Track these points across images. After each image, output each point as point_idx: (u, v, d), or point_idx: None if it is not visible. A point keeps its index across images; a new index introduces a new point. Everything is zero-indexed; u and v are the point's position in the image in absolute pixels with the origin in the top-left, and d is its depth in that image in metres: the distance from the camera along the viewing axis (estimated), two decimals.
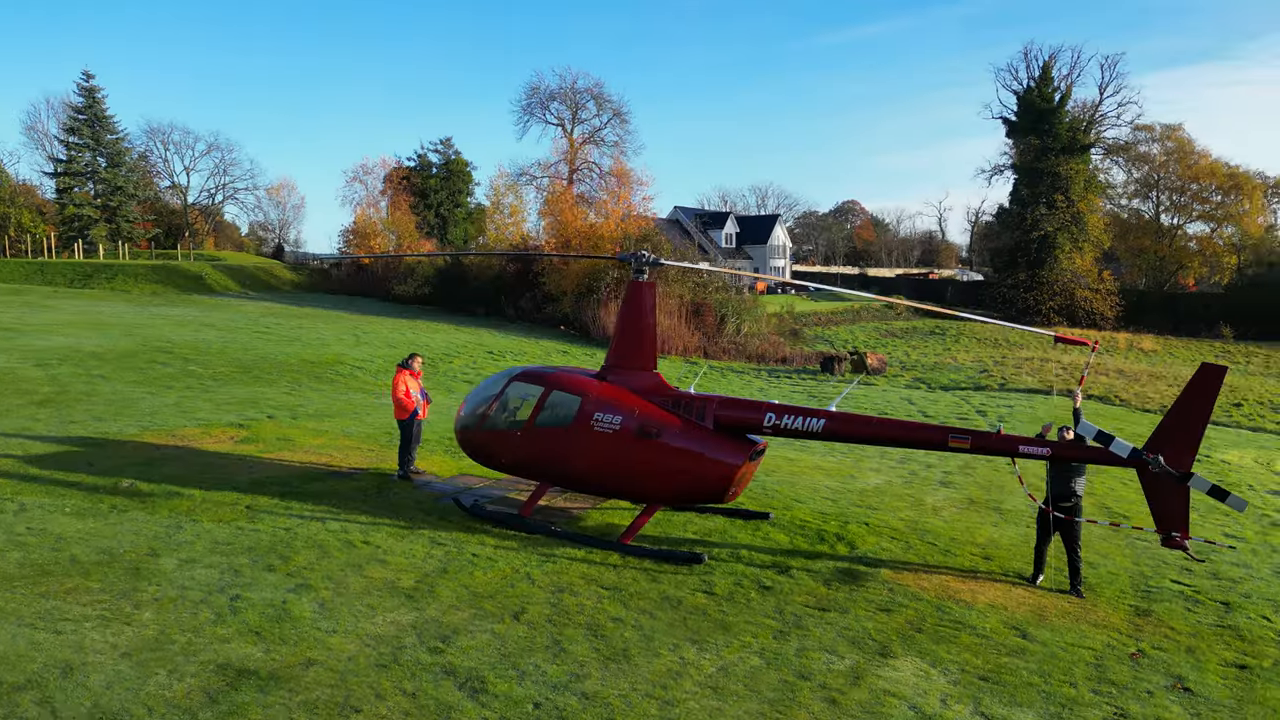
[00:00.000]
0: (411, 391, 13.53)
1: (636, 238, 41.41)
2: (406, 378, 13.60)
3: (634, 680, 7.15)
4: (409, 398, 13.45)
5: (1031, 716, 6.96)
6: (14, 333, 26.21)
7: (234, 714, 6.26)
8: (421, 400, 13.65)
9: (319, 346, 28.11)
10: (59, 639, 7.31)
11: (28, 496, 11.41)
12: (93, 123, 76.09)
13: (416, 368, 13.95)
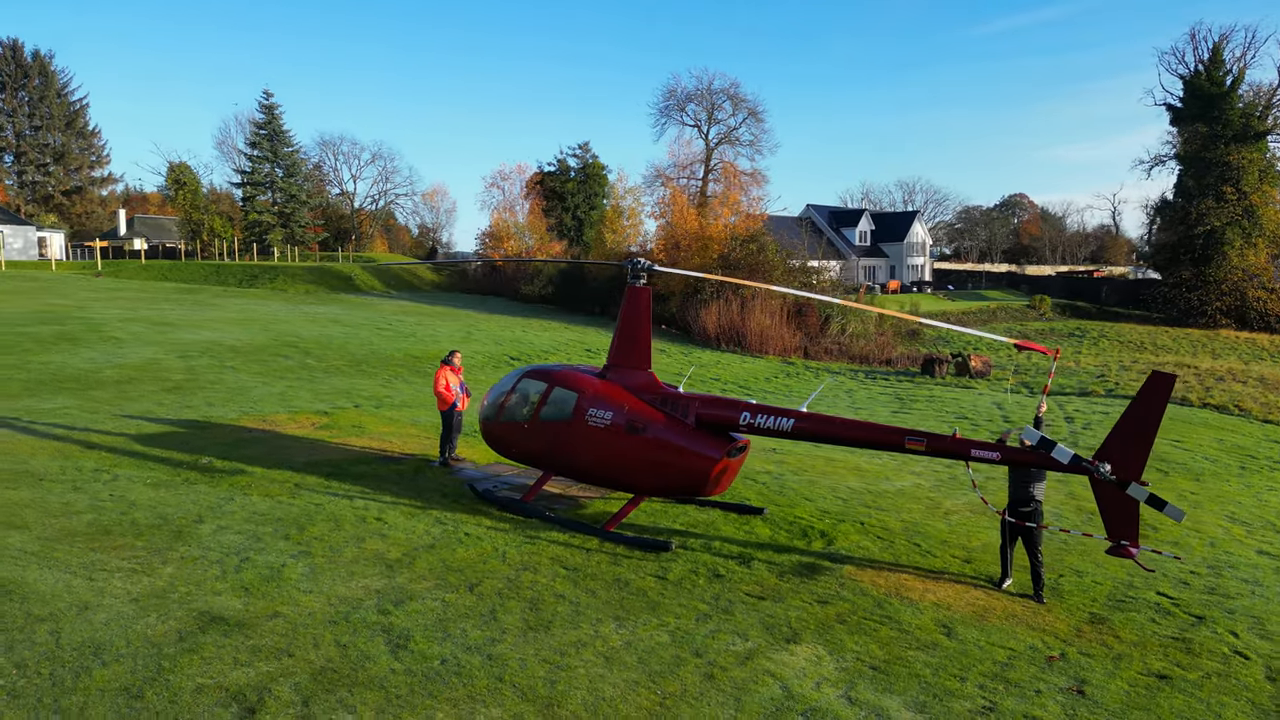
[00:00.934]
0: (451, 385, 14.77)
1: (744, 238, 41.74)
2: (447, 373, 14.86)
3: (539, 647, 7.97)
4: (449, 391, 14.70)
5: (898, 703, 7.29)
6: (172, 327, 29.63)
7: (191, 650, 7.52)
8: (460, 393, 14.86)
9: (429, 342, 30.22)
10: (89, 584, 8.86)
11: (123, 469, 13.37)
12: (271, 137, 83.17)
13: (456, 364, 15.20)
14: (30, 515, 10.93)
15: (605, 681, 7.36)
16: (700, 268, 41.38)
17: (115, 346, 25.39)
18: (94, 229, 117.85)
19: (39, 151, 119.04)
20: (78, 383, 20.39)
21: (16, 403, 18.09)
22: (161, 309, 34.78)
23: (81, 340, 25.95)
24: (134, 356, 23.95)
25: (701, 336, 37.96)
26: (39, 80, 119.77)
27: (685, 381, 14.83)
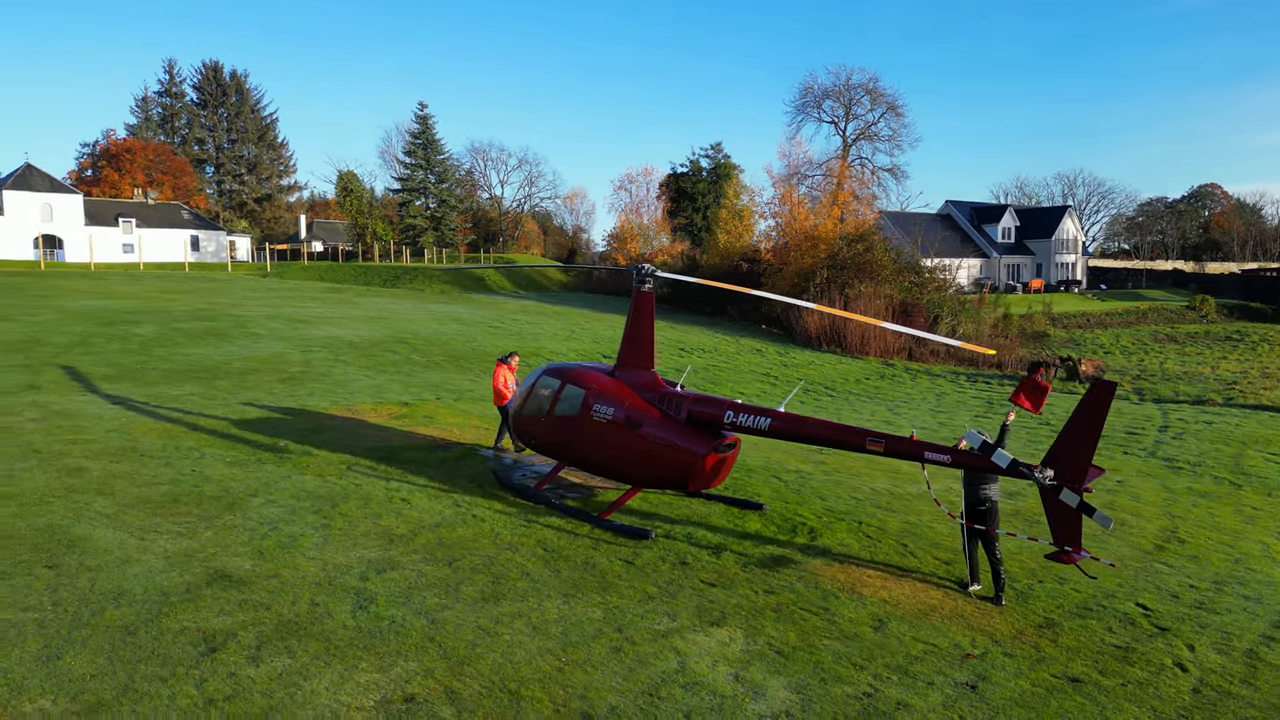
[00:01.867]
0: (509, 382, 15.96)
1: (853, 237, 41.24)
2: (505, 371, 16.05)
3: (481, 615, 8.89)
4: (506, 387, 15.89)
5: (781, 684, 7.75)
6: (306, 324, 32.55)
7: (190, 600, 8.90)
8: None
9: (530, 340, 31.80)
10: (139, 543, 10.48)
11: (212, 448, 15.29)
12: (425, 145, 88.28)
13: (514, 364, 16.37)
14: (119, 485, 12.84)
15: (521, 648, 8.20)
16: (809, 268, 41.30)
17: (251, 341, 28.27)
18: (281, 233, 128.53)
19: (235, 163, 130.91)
20: (208, 373, 23.00)
21: (151, 389, 20.69)
22: (304, 307, 38.11)
23: (225, 335, 29.03)
24: (263, 350, 26.63)
25: (803, 337, 37.87)
26: (235, 97, 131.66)
27: (685, 377, 15.31)
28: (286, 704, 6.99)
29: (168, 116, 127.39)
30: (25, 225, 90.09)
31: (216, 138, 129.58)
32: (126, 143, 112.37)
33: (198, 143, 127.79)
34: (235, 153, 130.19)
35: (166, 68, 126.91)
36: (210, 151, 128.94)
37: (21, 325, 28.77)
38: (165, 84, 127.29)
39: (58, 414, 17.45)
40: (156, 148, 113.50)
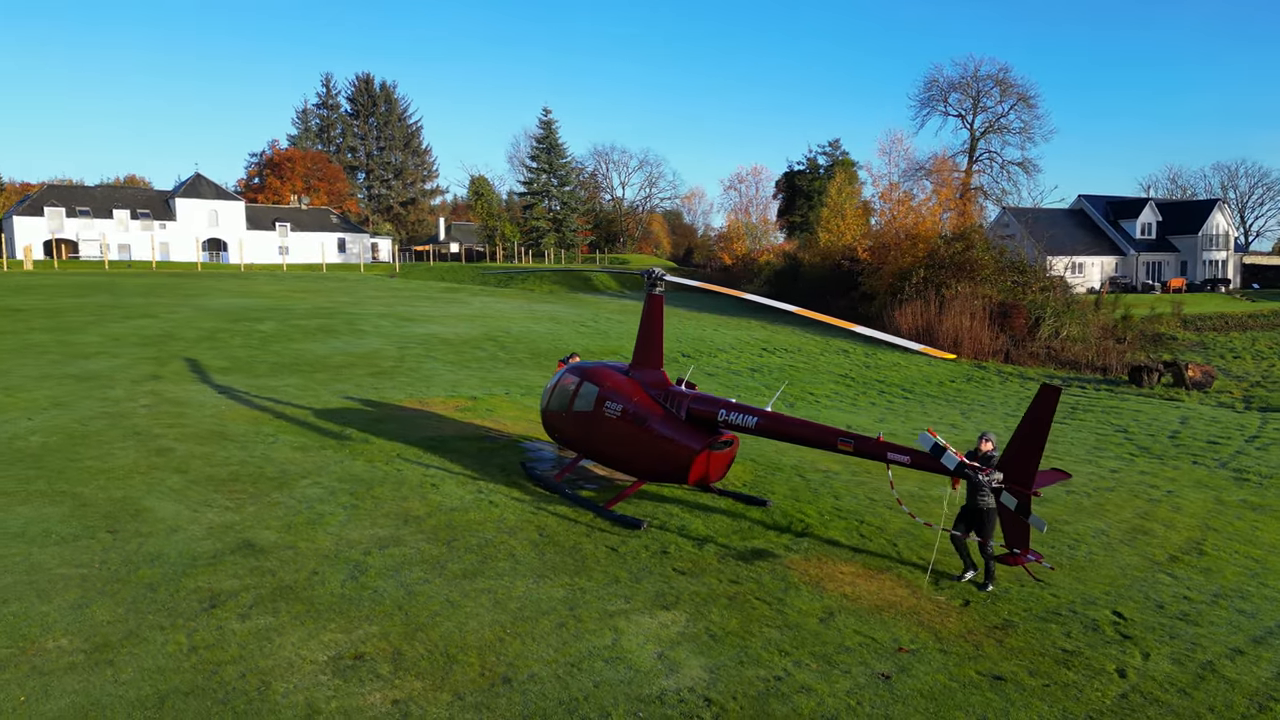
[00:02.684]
0: None
1: (952, 235, 40.05)
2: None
3: (453, 589, 9.77)
4: None
5: (698, 664, 8.25)
6: (411, 322, 34.65)
7: (213, 565, 10.19)
8: None
9: (613, 339, 32.73)
10: (191, 515, 11.95)
11: (286, 434, 16.89)
12: (549, 150, 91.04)
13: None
14: (195, 464, 14.50)
15: (476, 619, 9.03)
16: (908, 267, 40.44)
17: (357, 337, 30.43)
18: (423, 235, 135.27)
19: (383, 169, 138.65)
20: (309, 366, 25.04)
21: (257, 380, 22.78)
22: (415, 306, 40.43)
23: (335, 332, 31.34)
24: (365, 346, 28.65)
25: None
26: (384, 107, 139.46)
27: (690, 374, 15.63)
28: (254, 654, 8.07)
29: (324, 127, 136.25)
30: (194, 230, 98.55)
31: (367, 145, 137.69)
32: (288, 152, 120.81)
33: (350, 150, 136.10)
34: (383, 159, 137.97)
35: (324, 81, 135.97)
36: (361, 159, 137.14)
37: (162, 322, 31.99)
38: (323, 97, 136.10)
39: (168, 401, 19.59)
40: (314, 156, 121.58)
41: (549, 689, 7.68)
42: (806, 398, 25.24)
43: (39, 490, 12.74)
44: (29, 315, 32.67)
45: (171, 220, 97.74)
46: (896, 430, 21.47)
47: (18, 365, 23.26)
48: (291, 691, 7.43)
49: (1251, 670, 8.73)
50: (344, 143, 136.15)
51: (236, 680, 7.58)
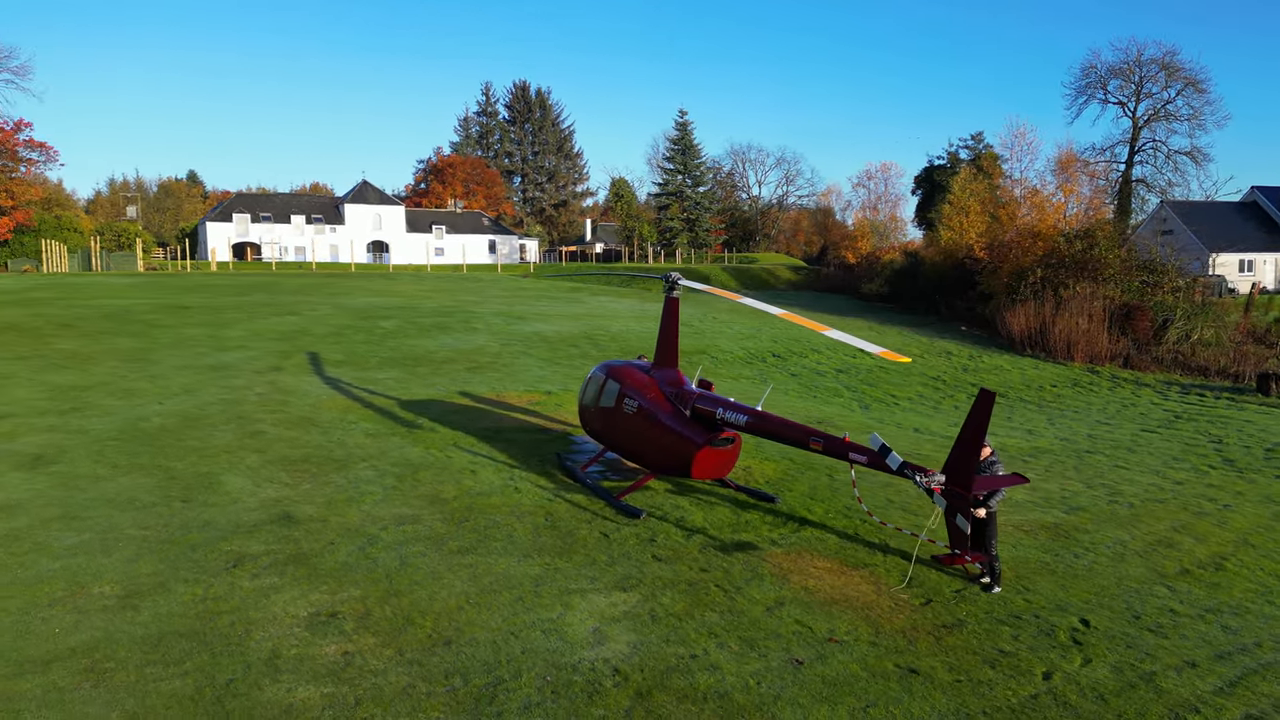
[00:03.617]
0: None
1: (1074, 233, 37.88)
2: None
3: (441, 563, 10.83)
4: None
5: (628, 639, 8.92)
6: (521, 320, 36.46)
7: (253, 531, 11.70)
8: None
9: (706, 338, 33.24)
10: (253, 490, 13.62)
11: (367, 422, 18.60)
12: (683, 151, 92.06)
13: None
14: (277, 446, 16.33)
15: (447, 590, 10.05)
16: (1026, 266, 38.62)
17: (467, 334, 32.42)
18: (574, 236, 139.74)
19: (537, 172, 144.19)
20: (414, 361, 27.04)
21: (363, 372, 24.90)
22: (533, 305, 42.35)
23: (449, 329, 33.48)
24: (471, 343, 30.53)
25: (1005, 339, 35.64)
26: (539, 113, 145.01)
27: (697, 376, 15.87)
28: (249, 607, 9.40)
29: (484, 133, 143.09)
30: (360, 233, 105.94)
31: (522, 150, 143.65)
32: (450, 158, 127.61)
33: (507, 155, 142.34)
34: (538, 163, 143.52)
35: (484, 90, 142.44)
36: (517, 163, 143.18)
37: (302, 319, 35.14)
38: (483, 104, 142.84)
39: (279, 390, 21.84)
40: (473, 162, 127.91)
41: (480, 651, 8.58)
42: (887, 400, 24.99)
43: (141, 464, 14.82)
44: (193, 312, 36.64)
45: (341, 224, 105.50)
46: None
47: (168, 356, 26.38)
48: (265, 639, 8.67)
49: (1192, 684, 8.54)
50: (501, 148, 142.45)
51: (226, 627, 8.91)
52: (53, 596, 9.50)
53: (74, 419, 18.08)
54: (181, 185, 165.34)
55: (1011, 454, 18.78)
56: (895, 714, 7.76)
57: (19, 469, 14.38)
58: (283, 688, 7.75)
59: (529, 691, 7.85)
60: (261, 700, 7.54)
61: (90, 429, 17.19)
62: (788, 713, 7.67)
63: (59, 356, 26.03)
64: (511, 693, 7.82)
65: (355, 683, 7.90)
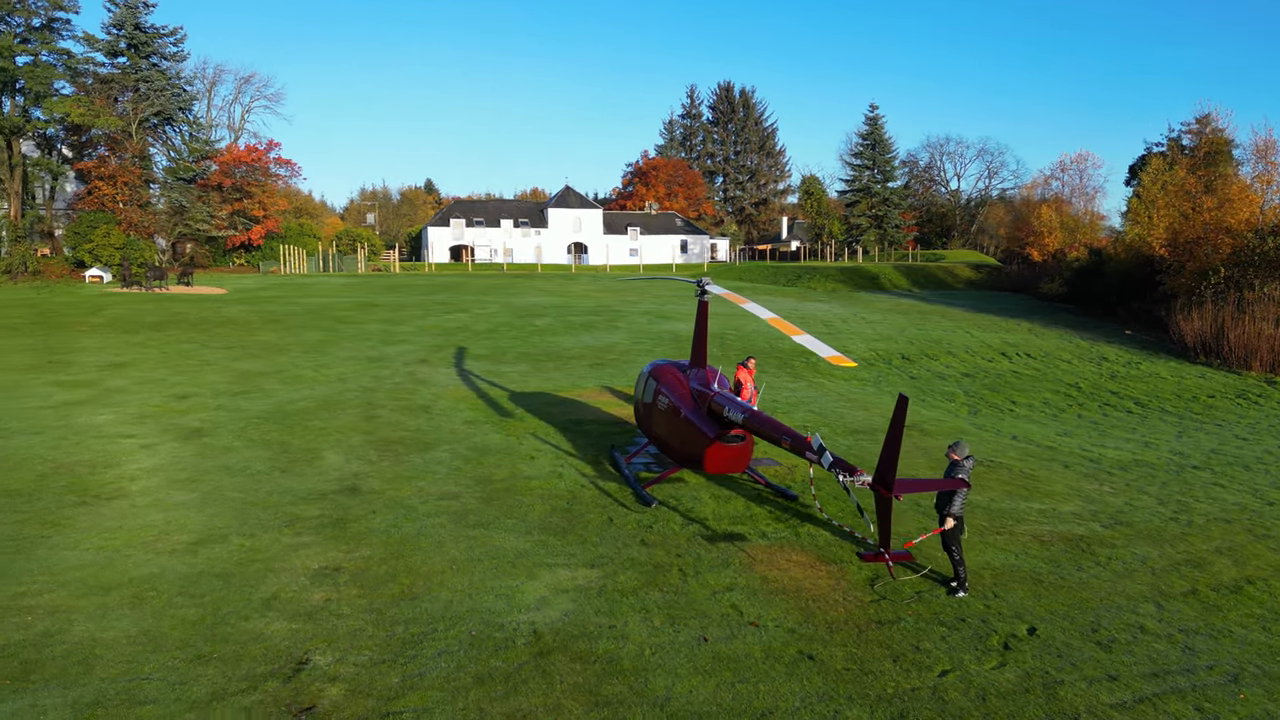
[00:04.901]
0: (746, 384, 18.40)
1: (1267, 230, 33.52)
2: (742, 371, 18.48)
3: (451, 534, 12.30)
4: (744, 389, 18.36)
5: (564, 608, 9.94)
6: (663, 319, 37.80)
7: (318, 499, 13.77)
8: (753, 391, 18.25)
9: (838, 339, 32.89)
10: (343, 463, 15.81)
11: (471, 411, 20.62)
12: (873, 146, 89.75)
13: (750, 366, 18.46)
14: (382, 428, 18.62)
15: (441, 556, 11.50)
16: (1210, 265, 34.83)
17: (608, 332, 34.21)
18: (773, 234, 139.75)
19: (738, 171, 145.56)
20: (545, 356, 29.10)
21: (496, 366, 27.21)
22: (683, 305, 43.55)
23: (593, 327, 35.45)
24: (606, 340, 32.25)
25: (1176, 345, 32.33)
26: (742, 112, 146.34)
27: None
28: (276, 558, 11.32)
29: (687, 135, 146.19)
30: (561, 235, 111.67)
31: (725, 150, 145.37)
32: (654, 161, 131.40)
33: (709, 156, 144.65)
34: (739, 162, 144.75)
35: (689, 93, 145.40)
36: (719, 163, 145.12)
37: (469, 316, 38.44)
38: (687, 107, 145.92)
39: (415, 380, 24.48)
40: (676, 163, 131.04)
41: (433, 607, 9.96)
42: (1003, 406, 23.98)
43: (268, 439, 17.53)
44: (379, 309, 41.02)
45: (545, 227, 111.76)
46: (1060, 444, 20.04)
47: (341, 348, 30.06)
48: (273, 584, 10.51)
49: (1095, 696, 8.41)
50: (704, 149, 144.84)
51: (250, 573, 10.85)
52: (142, 540, 11.90)
53: (240, 400, 21.42)
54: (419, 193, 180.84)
55: (1104, 465, 17.78)
56: (760, 690, 8.32)
57: (176, 439, 17.49)
58: (264, 622, 9.49)
59: (450, 641, 9.12)
60: (242, 629, 9.31)
61: (246, 409, 20.35)
62: (658, 678, 8.45)
63: (256, 346, 30.39)
64: (436, 641, 9.13)
65: (320, 622, 9.51)
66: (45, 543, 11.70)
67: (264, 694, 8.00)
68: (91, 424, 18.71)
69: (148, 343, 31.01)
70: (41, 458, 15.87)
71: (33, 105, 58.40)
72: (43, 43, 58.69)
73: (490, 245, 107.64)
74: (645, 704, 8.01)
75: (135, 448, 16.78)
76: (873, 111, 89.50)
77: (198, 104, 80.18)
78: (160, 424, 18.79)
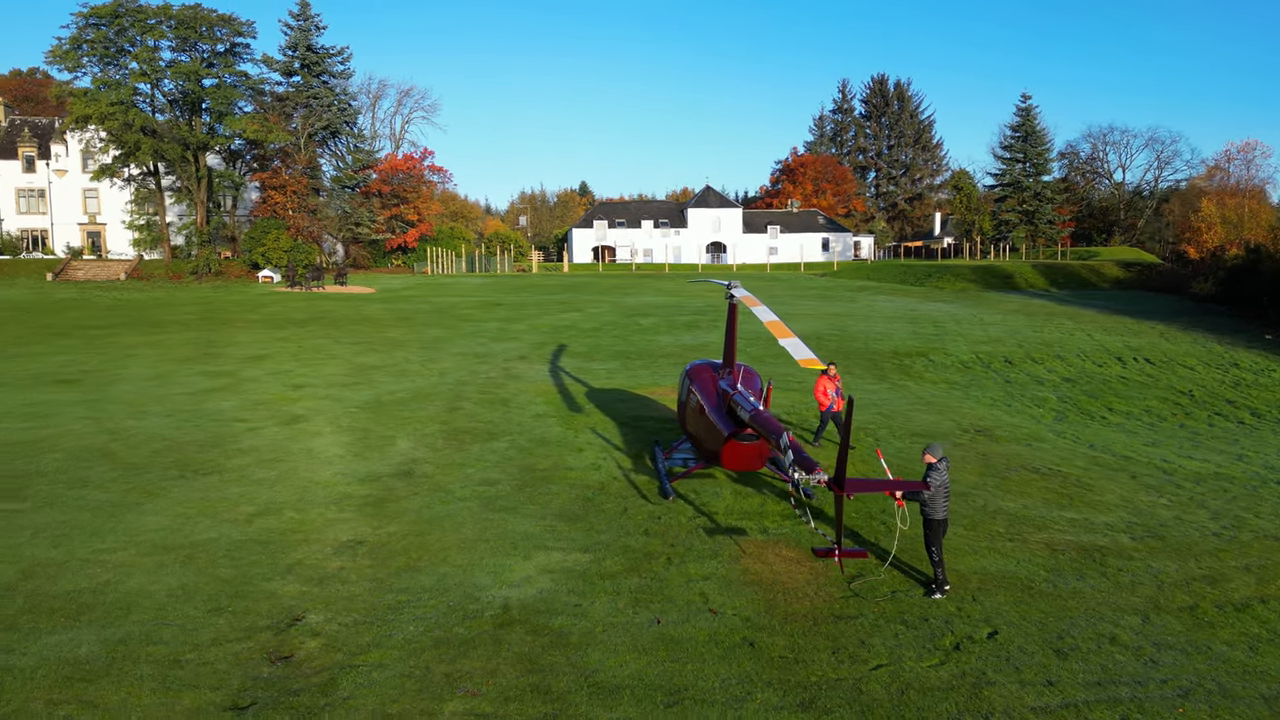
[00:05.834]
0: (828, 390, 18.61)
1: None
2: (825, 380, 18.79)
3: (473, 516, 13.37)
4: (825, 394, 18.57)
5: (542, 585, 10.76)
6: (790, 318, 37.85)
7: (373, 480, 15.22)
8: (835, 397, 18.47)
9: (942, 340, 31.87)
10: (410, 450, 17.28)
11: (543, 404, 21.78)
12: (1024, 138, 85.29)
13: (832, 373, 18.48)
14: (458, 419, 20.07)
15: (455, 536, 12.58)
16: None
17: (706, 332, 34.72)
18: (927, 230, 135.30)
19: (891, 166, 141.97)
20: (636, 355, 29.98)
21: (588, 363, 28.34)
22: (799, 304, 43.39)
23: (694, 327, 36.04)
24: (699, 340, 32.76)
25: None
26: (896, 105, 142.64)
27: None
28: (314, 530, 12.74)
29: (838, 130, 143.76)
30: (700, 235, 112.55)
31: (877, 145, 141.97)
32: (802, 158, 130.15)
33: (860, 151, 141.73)
34: (892, 157, 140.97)
35: (840, 88, 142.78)
36: (871, 158, 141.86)
37: (579, 315, 39.97)
38: (838, 102, 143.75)
39: (508, 375, 25.97)
40: (824, 160, 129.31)
41: (428, 579, 11.03)
42: (1097, 414, 22.80)
43: (355, 426, 19.31)
44: (501, 309, 43.28)
45: (684, 227, 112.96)
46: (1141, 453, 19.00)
47: (455, 345, 32.14)
48: (303, 553, 11.89)
49: (1021, 698, 8.43)
50: (855, 144, 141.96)
51: (287, 542, 12.30)
52: (214, 510, 13.66)
53: (346, 391, 23.54)
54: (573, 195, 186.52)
55: (1176, 477, 16.80)
56: (686, 669, 8.85)
57: (279, 424, 19.58)
58: (281, 584, 10.86)
59: (429, 609, 10.15)
60: (261, 589, 10.70)
61: (348, 399, 22.38)
62: (596, 653, 9.14)
63: (380, 342, 32.96)
64: (417, 608, 10.19)
65: (326, 586, 10.79)
66: (137, 509, 13.66)
67: (255, 643, 9.29)
68: (216, 409, 21.18)
69: (289, 338, 34.25)
70: (162, 437, 18.25)
71: (216, 123, 64.91)
72: (225, 66, 65.10)
73: (630, 246, 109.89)
74: (574, 673, 8.74)
75: (242, 431, 18.94)
76: (1024, 102, 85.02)
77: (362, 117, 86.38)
78: (271, 410, 21.02)
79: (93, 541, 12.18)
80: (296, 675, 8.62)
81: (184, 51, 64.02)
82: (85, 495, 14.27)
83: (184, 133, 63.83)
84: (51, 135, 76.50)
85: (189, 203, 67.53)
